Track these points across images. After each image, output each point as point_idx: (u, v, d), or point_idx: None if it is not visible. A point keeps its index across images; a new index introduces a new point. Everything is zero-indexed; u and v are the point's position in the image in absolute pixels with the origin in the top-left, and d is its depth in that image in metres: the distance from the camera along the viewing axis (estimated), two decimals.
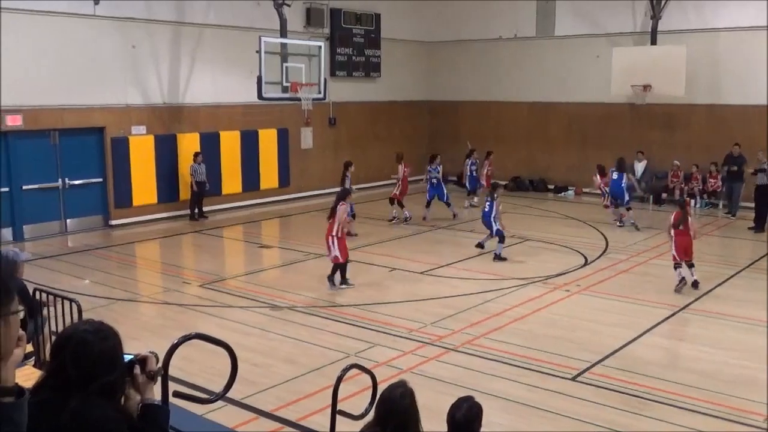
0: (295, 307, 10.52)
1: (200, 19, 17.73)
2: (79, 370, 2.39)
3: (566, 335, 9.38)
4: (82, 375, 2.38)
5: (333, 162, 21.70)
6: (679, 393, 7.44)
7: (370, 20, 22.14)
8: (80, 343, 2.43)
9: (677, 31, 19.74)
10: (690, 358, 8.57)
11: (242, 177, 19.02)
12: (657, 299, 10.90)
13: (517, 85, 22.98)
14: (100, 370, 2.41)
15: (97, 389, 2.39)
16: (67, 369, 2.39)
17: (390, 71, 22.95)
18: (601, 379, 7.83)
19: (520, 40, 22.83)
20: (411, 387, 3.99)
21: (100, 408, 2.39)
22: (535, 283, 11.85)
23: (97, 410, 2.37)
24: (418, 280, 12.11)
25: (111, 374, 2.43)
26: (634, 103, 20.27)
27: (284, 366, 8.21)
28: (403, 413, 3.79)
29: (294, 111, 19.38)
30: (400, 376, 7.72)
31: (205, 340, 3.51)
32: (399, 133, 23.54)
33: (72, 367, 2.39)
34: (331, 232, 11.27)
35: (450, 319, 9.93)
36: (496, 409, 6.93)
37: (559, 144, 21.72)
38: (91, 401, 2.37)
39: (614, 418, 6.84)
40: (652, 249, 14.40)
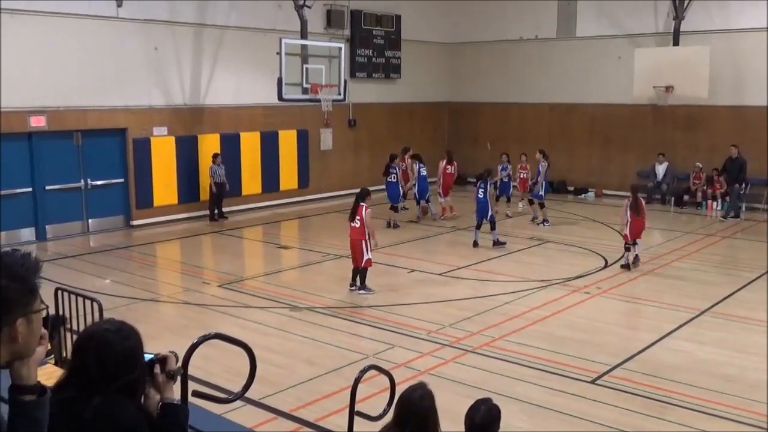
0: (314, 308, 10.54)
1: (222, 21, 17.84)
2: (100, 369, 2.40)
3: (586, 338, 9.31)
4: (103, 374, 2.40)
5: (352, 163, 21.78)
6: (702, 397, 7.36)
7: (390, 21, 22.13)
8: (102, 343, 2.44)
9: (701, 32, 19.53)
10: (712, 362, 8.47)
11: (262, 178, 19.10)
12: (678, 302, 10.79)
13: (538, 86, 22.86)
14: (122, 369, 2.42)
15: (119, 388, 2.41)
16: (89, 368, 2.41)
17: (410, 72, 22.93)
18: (622, 383, 7.76)
19: (541, 41, 22.72)
20: (430, 389, 3.98)
21: (123, 406, 2.40)
22: (554, 285, 11.78)
23: (120, 408, 2.39)
24: (437, 282, 12.08)
25: (132, 373, 2.45)
26: (656, 105, 20.09)
27: (303, 366, 8.23)
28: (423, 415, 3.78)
29: (314, 112, 19.42)
30: (419, 378, 7.71)
31: (224, 340, 3.52)
32: (419, 135, 23.49)
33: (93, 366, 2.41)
34: (362, 236, 10.96)
35: (468, 321, 9.89)
36: (516, 411, 6.89)
37: (580, 146, 21.59)
38: (114, 400, 2.39)
39: (636, 423, 6.78)
40: (673, 252, 14.26)
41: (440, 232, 16.21)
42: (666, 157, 19.96)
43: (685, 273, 12.81)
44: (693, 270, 13.02)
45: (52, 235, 15.29)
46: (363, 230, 10.98)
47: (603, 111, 21.58)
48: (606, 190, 21.24)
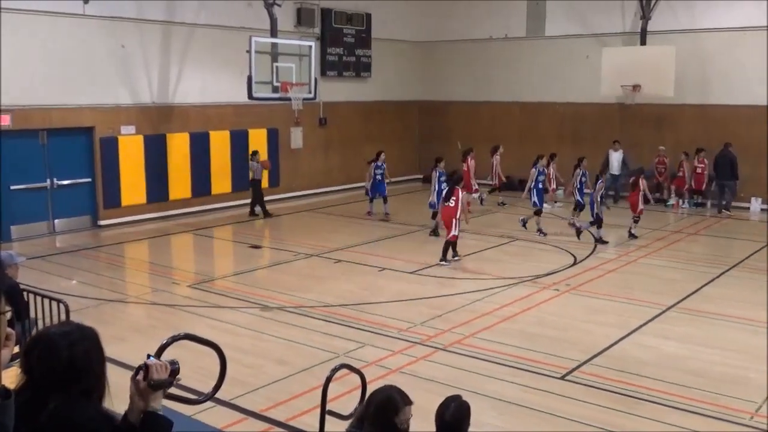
0: (285, 307, 10.50)
1: (191, 19, 17.67)
2: (45, 373, 2.37)
3: (556, 334, 9.40)
4: (48, 378, 2.36)
5: (323, 162, 21.74)
6: (669, 392, 7.47)
7: (360, 20, 22.12)
8: (46, 347, 2.41)
9: (666, 32, 19.83)
10: (679, 356, 8.60)
11: (232, 177, 18.96)
12: (645, 298, 10.95)
13: (508, 85, 23.02)
14: (70, 373, 2.39)
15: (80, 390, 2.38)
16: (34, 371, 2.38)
17: (381, 71, 22.95)
18: (591, 378, 7.85)
19: (511, 40, 22.88)
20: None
21: (81, 408, 2.37)
22: (524, 282, 11.87)
23: (78, 411, 2.36)
24: (408, 280, 12.11)
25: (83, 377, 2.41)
26: (623, 103, 20.35)
27: (274, 366, 8.19)
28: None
29: (284, 111, 19.36)
30: (390, 376, 7.75)
31: (194, 340, 3.49)
32: (390, 133, 23.54)
33: (37, 370, 2.38)
34: (454, 215, 12.73)
35: (439, 318, 9.93)
36: (487, 408, 6.94)
37: (550, 144, 21.67)
38: (72, 402, 2.36)
39: (605, 417, 6.86)
40: (640, 248, 14.46)
41: (410, 230, 16.24)
42: (621, 144, 20.12)
43: (653, 269, 13.00)
44: (660, 266, 13.22)
45: (16, 236, 15.03)
46: (456, 209, 12.78)
47: (572, 110, 21.79)
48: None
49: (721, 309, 10.47)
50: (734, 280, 12.28)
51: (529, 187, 15.91)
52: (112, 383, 2.69)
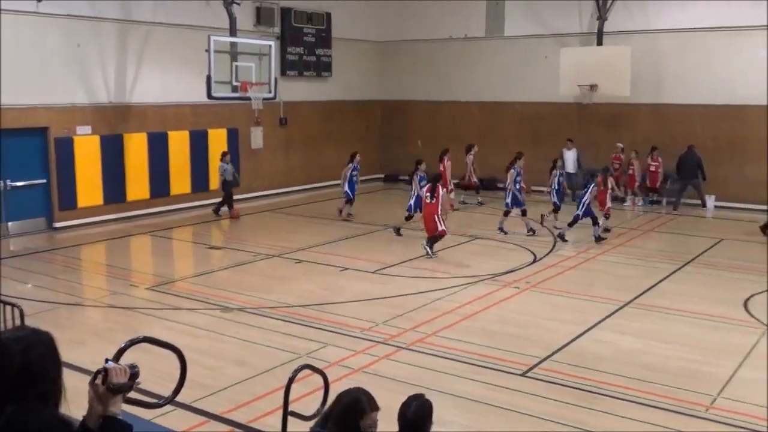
0: (246, 308, 10.42)
1: (148, 18, 17.42)
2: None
3: (516, 332, 9.50)
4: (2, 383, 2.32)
5: (284, 162, 21.63)
6: (627, 386, 7.60)
7: (321, 19, 22.06)
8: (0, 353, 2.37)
9: (622, 32, 20.18)
10: (636, 351, 8.76)
11: (191, 177, 18.76)
12: (604, 294, 11.13)
13: (468, 84, 23.19)
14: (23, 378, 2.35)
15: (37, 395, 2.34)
16: None
17: (341, 71, 22.92)
18: (551, 375, 7.94)
19: (471, 40, 23.04)
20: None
21: (37, 413, 2.33)
22: (485, 280, 11.97)
23: (33, 416, 2.32)
24: (370, 280, 12.11)
25: (38, 382, 2.37)
26: (581, 103, 20.64)
27: (235, 368, 8.13)
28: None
29: (244, 111, 19.22)
30: (353, 376, 7.74)
31: (153, 343, 3.44)
32: (351, 133, 23.53)
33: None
34: (435, 212, 13.36)
35: (401, 317, 9.96)
36: (449, 406, 6.98)
37: (509, 143, 21.88)
38: (29, 407, 2.32)
39: (565, 413, 6.95)
40: (599, 246, 14.67)
41: (372, 230, 16.25)
42: (574, 143, 20.39)
43: (610, 266, 13.22)
44: (617, 263, 13.45)
45: None
46: (437, 206, 13.38)
47: (531, 109, 22.03)
48: (534, 186, 21.66)
49: (676, 304, 10.70)
50: (689, 275, 12.55)
51: (509, 188, 15.73)
52: (70, 388, 2.65)
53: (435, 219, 13.46)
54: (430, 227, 13.57)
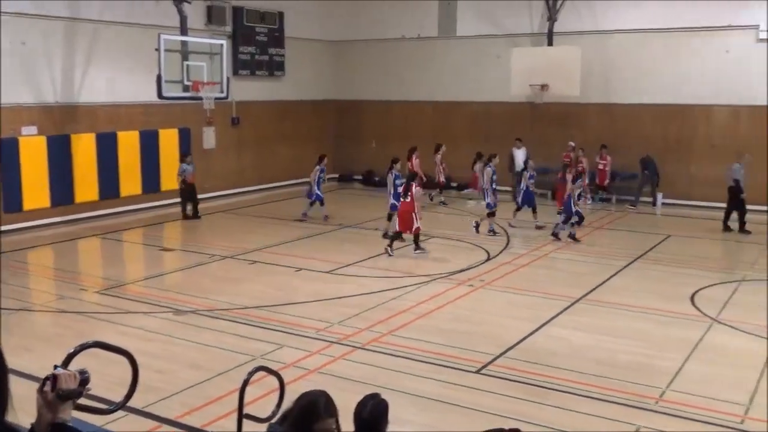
0: (199, 310, 10.30)
1: (96, 16, 17.06)
2: None
3: (471, 329, 9.58)
4: None
5: (236, 162, 21.42)
6: (579, 381, 7.73)
7: (273, 19, 21.91)
8: None
9: (572, 33, 20.51)
10: (588, 346, 8.91)
11: (142, 178, 18.44)
12: (556, 291, 11.29)
13: (421, 84, 23.30)
14: None
15: None
16: None
17: (295, 70, 22.81)
18: (505, 371, 8.04)
19: (423, 40, 23.15)
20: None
21: None
22: (439, 279, 12.04)
23: None
24: (324, 280, 12.08)
25: None
26: (533, 102, 20.91)
27: (188, 371, 8.02)
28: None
29: (196, 110, 18.97)
30: (309, 377, 7.72)
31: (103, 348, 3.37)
32: (305, 133, 23.45)
33: None
34: (411, 210, 13.56)
35: (357, 317, 9.96)
36: (405, 405, 7.00)
37: (462, 143, 22.08)
38: None
39: (519, 408, 7.03)
40: (550, 243, 14.90)
41: (327, 230, 16.21)
42: (523, 142, 20.62)
43: (562, 263, 13.44)
44: (569, 260, 13.67)
45: None
46: (413, 204, 13.60)
47: (483, 109, 22.23)
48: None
49: (626, 300, 10.92)
50: (638, 271, 12.82)
51: (484, 188, 15.74)
52: (18, 395, 2.58)
53: (411, 216, 13.65)
54: (407, 225, 13.74)
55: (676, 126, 19.82)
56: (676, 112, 19.75)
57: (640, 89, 20.06)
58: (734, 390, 7.56)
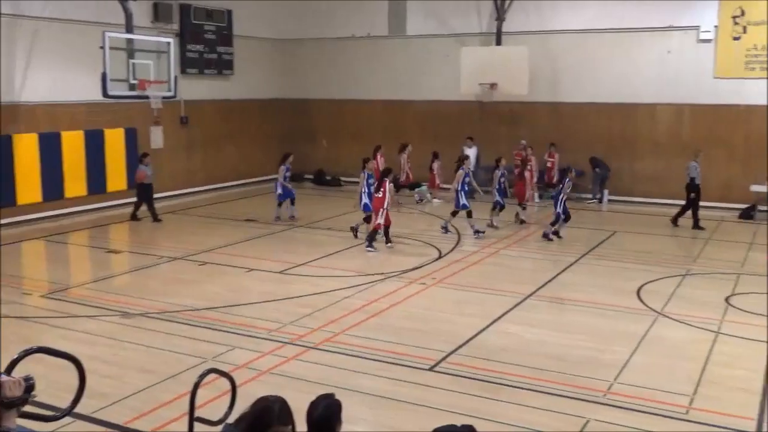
0: (148, 313, 10.12)
1: (37, 12, 16.61)
2: None
3: (423, 327, 9.64)
4: None
5: (185, 162, 21.12)
6: (531, 376, 7.84)
7: (221, 17, 21.66)
8: None
9: (520, 33, 20.78)
10: (539, 342, 9.05)
11: (87, 179, 18.04)
12: (507, 288, 11.43)
13: (371, 83, 23.31)
14: None
15: None
16: None
17: (244, 69, 22.59)
18: (457, 368, 8.10)
19: (374, 39, 23.17)
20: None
21: None
22: (391, 277, 12.08)
23: None
24: (276, 280, 12.00)
25: None
26: (482, 101, 21.12)
27: (137, 375, 7.88)
28: None
29: (143, 109, 18.66)
30: (261, 378, 7.66)
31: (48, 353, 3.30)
32: (255, 132, 23.27)
33: None
34: (383, 205, 13.89)
35: (309, 317, 9.92)
36: (358, 404, 7.00)
37: (413, 142, 22.20)
38: None
39: (472, 405, 7.10)
40: (501, 240, 15.07)
41: (278, 230, 16.11)
42: (474, 141, 20.83)
43: (513, 260, 13.61)
44: (519, 257, 13.86)
45: None
46: (384, 199, 13.92)
47: (434, 107, 22.36)
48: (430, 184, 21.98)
49: (574, 295, 11.13)
50: (586, 267, 13.07)
51: (456, 189, 15.34)
52: None
53: (380, 212, 13.99)
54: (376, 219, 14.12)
55: (620, 124, 20.25)
56: (620, 110, 20.19)
57: (587, 88, 20.45)
58: (679, 381, 7.77)
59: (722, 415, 6.91)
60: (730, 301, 10.89)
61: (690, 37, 19.35)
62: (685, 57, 19.38)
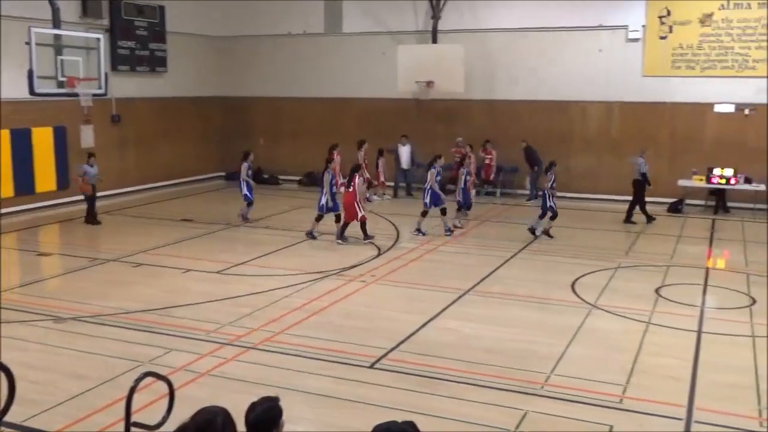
0: (81, 317, 9.84)
1: None
2: None
3: (363, 324, 9.65)
4: None
5: (118, 161, 20.60)
6: (469, 370, 7.94)
7: (153, 12, 21.20)
8: None
9: (455, 31, 20.99)
10: (477, 336, 9.17)
11: (14, 180, 17.42)
12: (445, 284, 11.54)
13: (309, 81, 23.20)
14: None
15: None
16: None
17: (178, 66, 22.17)
18: (397, 365, 8.14)
19: (310, 36, 23.06)
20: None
21: None
22: (331, 276, 12.05)
23: None
24: (214, 280, 11.83)
25: None
26: (419, 99, 21.27)
27: (71, 381, 7.65)
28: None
29: (72, 107, 18.07)
30: (200, 380, 7.55)
31: None
32: (190, 130, 22.88)
33: None
34: (354, 200, 14.26)
35: (248, 317, 9.82)
36: (299, 403, 6.97)
37: (353, 139, 22.17)
38: None
39: (412, 400, 7.14)
40: (439, 237, 15.21)
41: (215, 230, 15.88)
42: (409, 139, 20.90)
43: (450, 256, 13.75)
44: (457, 253, 14.02)
45: None
46: (355, 194, 14.31)
47: (372, 105, 22.39)
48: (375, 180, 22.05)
49: (512, 289, 11.32)
50: (522, 262, 13.31)
51: (426, 189, 15.24)
52: None
53: (354, 206, 14.33)
54: (350, 213, 14.39)
55: (554, 121, 20.67)
56: (553, 108, 20.62)
57: (521, 86, 20.81)
58: (612, 371, 7.99)
59: (654, 403, 7.14)
60: (660, 292, 11.26)
61: (619, 36, 19.91)
62: (615, 56, 19.93)
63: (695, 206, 19.22)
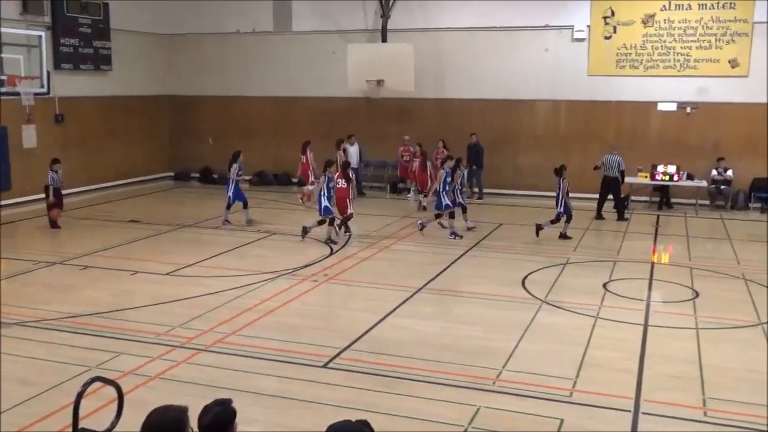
0: (25, 322, 9.57)
1: None
2: None
3: (317, 324, 9.62)
4: None
5: (63, 162, 20.03)
6: (425, 368, 7.97)
7: (97, 9, 20.72)
8: None
9: (405, 30, 21.06)
10: (431, 334, 9.21)
11: None
12: (399, 282, 11.57)
13: (259, 79, 23.01)
14: None
15: None
16: None
17: (123, 64, 21.73)
18: (352, 364, 8.13)
19: (259, 34, 22.87)
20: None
21: None
22: (283, 276, 11.98)
23: None
24: (163, 282, 11.64)
25: None
26: (370, 97, 21.28)
27: (15, 388, 7.43)
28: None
29: (13, 107, 17.59)
30: (150, 384, 7.42)
31: None
32: (137, 130, 22.48)
33: None
34: (347, 196, 14.62)
35: (199, 319, 9.68)
36: (251, 404, 6.90)
37: (304, 138, 22.05)
38: None
39: (368, 399, 7.14)
40: (391, 236, 15.25)
41: (163, 231, 15.63)
42: (355, 137, 20.76)
43: (403, 255, 13.80)
44: (409, 251, 14.06)
45: None
46: (347, 190, 14.61)
47: (323, 104, 22.30)
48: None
49: (464, 287, 11.43)
50: (474, 259, 13.43)
51: (437, 190, 15.10)
52: None
53: (346, 201, 14.63)
54: (341, 207, 14.62)
55: (503, 120, 20.93)
56: (503, 106, 20.86)
57: (471, 85, 21.00)
58: (563, 365, 8.12)
59: (603, 396, 7.28)
60: (607, 287, 11.50)
61: (565, 36, 20.25)
62: (561, 55, 20.27)
63: (640, 202, 19.69)
